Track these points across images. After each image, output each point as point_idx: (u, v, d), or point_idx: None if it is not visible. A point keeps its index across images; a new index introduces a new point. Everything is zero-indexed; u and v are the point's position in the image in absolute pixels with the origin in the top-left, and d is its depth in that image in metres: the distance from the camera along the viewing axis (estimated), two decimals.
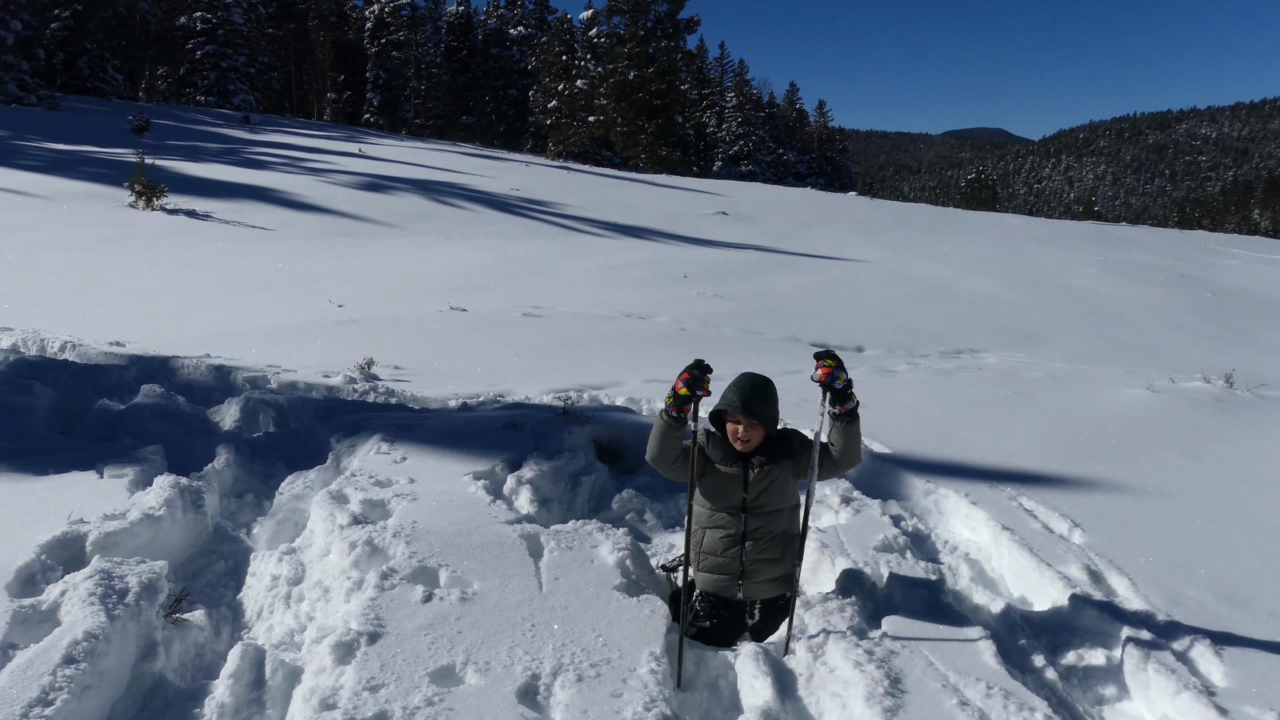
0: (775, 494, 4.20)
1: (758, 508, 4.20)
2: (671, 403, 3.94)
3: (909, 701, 3.40)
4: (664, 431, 4.04)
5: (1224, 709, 3.50)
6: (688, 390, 3.88)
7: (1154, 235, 40.70)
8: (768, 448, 4.20)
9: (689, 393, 3.88)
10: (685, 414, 3.97)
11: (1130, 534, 5.18)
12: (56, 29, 48.78)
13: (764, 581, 4.26)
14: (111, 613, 3.57)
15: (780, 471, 4.19)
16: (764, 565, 4.23)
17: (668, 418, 3.99)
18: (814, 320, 13.80)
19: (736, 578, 4.25)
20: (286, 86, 74.09)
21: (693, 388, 3.88)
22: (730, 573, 4.25)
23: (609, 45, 63.43)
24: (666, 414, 3.99)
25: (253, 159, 29.96)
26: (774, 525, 4.22)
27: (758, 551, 4.22)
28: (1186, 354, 14.47)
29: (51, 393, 6.93)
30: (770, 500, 4.20)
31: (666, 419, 4.00)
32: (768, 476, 4.17)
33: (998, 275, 21.58)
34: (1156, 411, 7.82)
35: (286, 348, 9.41)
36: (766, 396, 4.15)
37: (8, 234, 16.17)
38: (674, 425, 4.01)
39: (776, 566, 4.25)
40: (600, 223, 25.67)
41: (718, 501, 4.24)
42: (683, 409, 3.95)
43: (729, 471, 4.20)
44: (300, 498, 5.46)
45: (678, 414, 3.96)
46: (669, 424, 4.01)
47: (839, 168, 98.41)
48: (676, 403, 3.93)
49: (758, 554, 4.22)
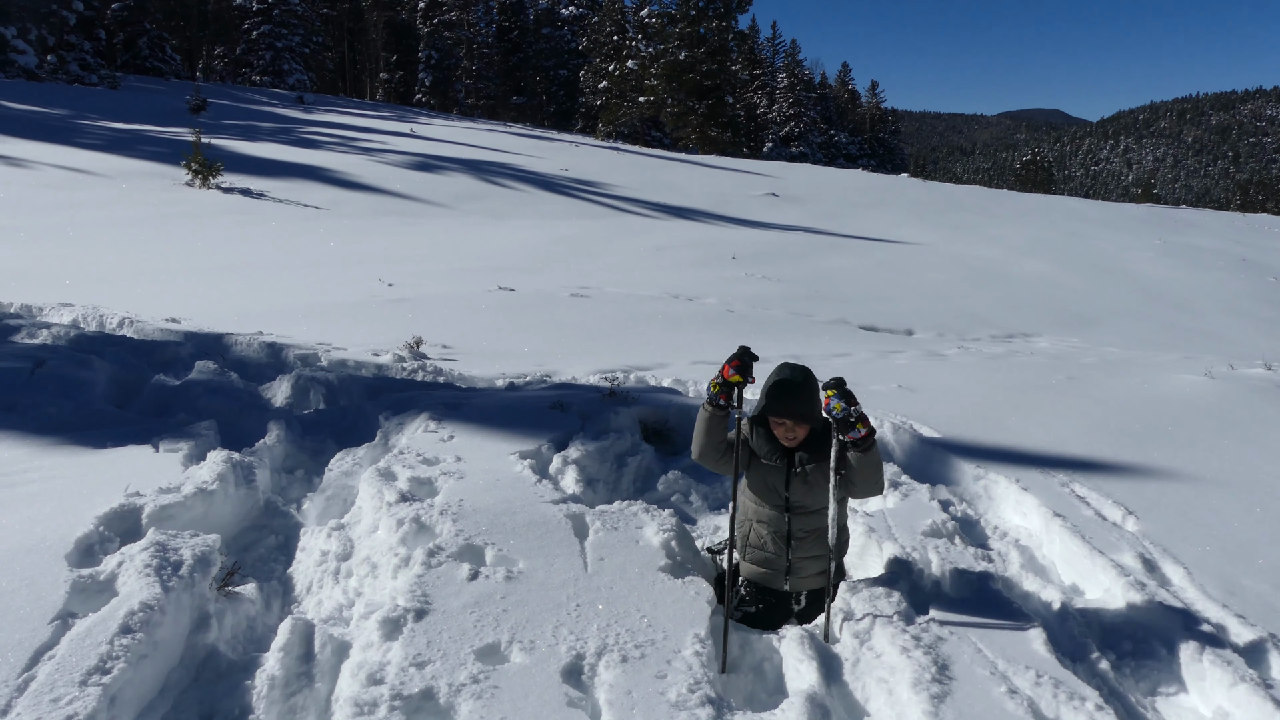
0: (818, 494, 4.12)
1: (801, 507, 4.15)
2: (718, 390, 3.91)
3: (956, 688, 3.36)
4: (709, 423, 4.02)
5: None
6: (739, 376, 3.85)
7: (1215, 218, 39.76)
8: (813, 442, 4.12)
9: (740, 379, 3.85)
10: (730, 402, 3.93)
11: (1186, 522, 5.08)
12: (117, 9, 49.50)
13: (811, 575, 4.24)
14: (166, 584, 3.64)
15: (823, 470, 4.09)
16: (810, 562, 4.20)
17: (713, 407, 3.97)
18: (863, 303, 13.68)
19: (783, 573, 4.23)
20: (340, 66, 74.61)
21: (744, 374, 3.85)
22: (777, 568, 4.23)
23: (660, 25, 63.00)
24: (712, 403, 3.97)
25: (306, 138, 30.23)
26: (819, 522, 4.15)
27: (804, 549, 4.18)
28: (1247, 340, 14.15)
29: (110, 367, 7.07)
30: (814, 499, 4.13)
31: (711, 409, 3.98)
32: (809, 477, 4.10)
33: (1052, 258, 21.23)
34: (1214, 398, 7.64)
35: (337, 326, 9.51)
36: (808, 393, 4.03)
37: (69, 211, 16.49)
38: (719, 415, 3.98)
39: (824, 561, 4.20)
40: (649, 203, 25.61)
41: (763, 497, 4.20)
42: (729, 397, 3.91)
43: (773, 466, 4.15)
44: (349, 474, 5.52)
45: (725, 402, 3.93)
46: (714, 414, 3.99)
47: (891, 149, 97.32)
48: (724, 389, 3.89)
49: (804, 551, 4.19)
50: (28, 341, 7.87)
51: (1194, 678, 3.70)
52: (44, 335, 8.08)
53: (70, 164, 20.81)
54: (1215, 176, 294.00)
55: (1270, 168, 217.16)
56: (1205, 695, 3.63)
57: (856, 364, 9.41)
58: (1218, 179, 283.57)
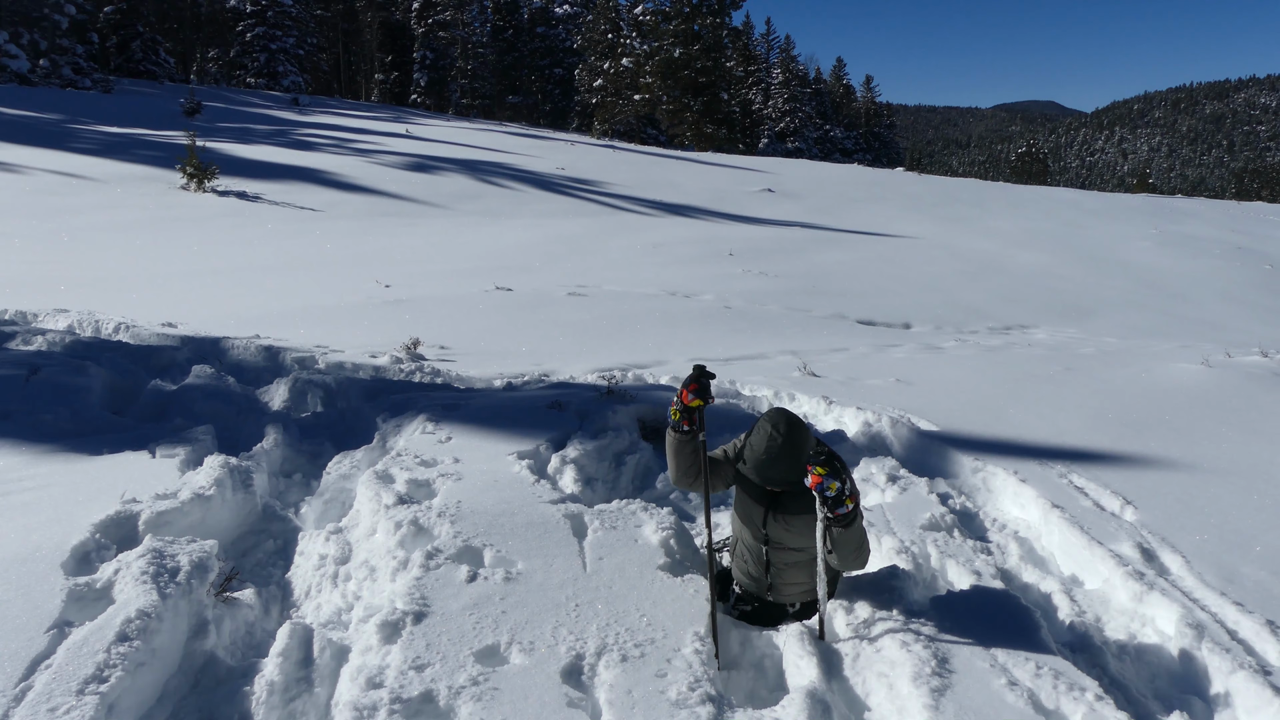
0: (796, 537, 3.90)
1: (779, 543, 3.95)
2: (680, 417, 3.86)
3: (957, 681, 3.36)
4: (677, 448, 3.96)
5: None
6: (699, 400, 3.80)
7: (1210, 207, 39.75)
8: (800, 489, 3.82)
9: (701, 402, 3.80)
10: (694, 425, 3.87)
11: (1184, 511, 5.08)
12: (110, 12, 49.41)
13: (796, 592, 4.08)
14: (163, 591, 3.63)
15: (803, 519, 3.84)
16: (792, 586, 4.05)
17: (678, 433, 3.91)
18: (861, 297, 13.67)
19: (767, 588, 4.09)
20: (335, 68, 74.52)
21: (703, 396, 3.79)
22: (760, 584, 4.10)
23: (654, 23, 62.98)
24: (676, 429, 3.91)
25: (301, 140, 30.19)
26: (800, 557, 3.95)
27: (785, 576, 4.02)
28: (1244, 328, 14.16)
29: (106, 373, 7.05)
30: (791, 539, 3.92)
31: (677, 435, 3.92)
32: (790, 523, 3.89)
33: (1049, 249, 21.22)
34: (1212, 386, 7.64)
35: (334, 328, 9.50)
36: (791, 457, 3.72)
37: (63, 216, 16.47)
38: (685, 439, 3.93)
39: (809, 581, 4.01)
40: (645, 201, 25.58)
41: (745, 523, 4.07)
42: (691, 420, 3.86)
43: (753, 497, 3.99)
44: (347, 477, 5.51)
45: (689, 426, 3.88)
46: (680, 439, 3.93)
47: (886, 143, 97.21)
48: (685, 414, 3.84)
49: (786, 578, 4.03)
50: (22, 348, 7.85)
51: (1193, 666, 3.71)
52: (39, 342, 8.06)
53: (64, 169, 20.78)
54: (1210, 165, 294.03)
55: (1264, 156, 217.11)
56: (1205, 683, 3.63)
57: (854, 358, 9.40)
58: (1213, 168, 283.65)
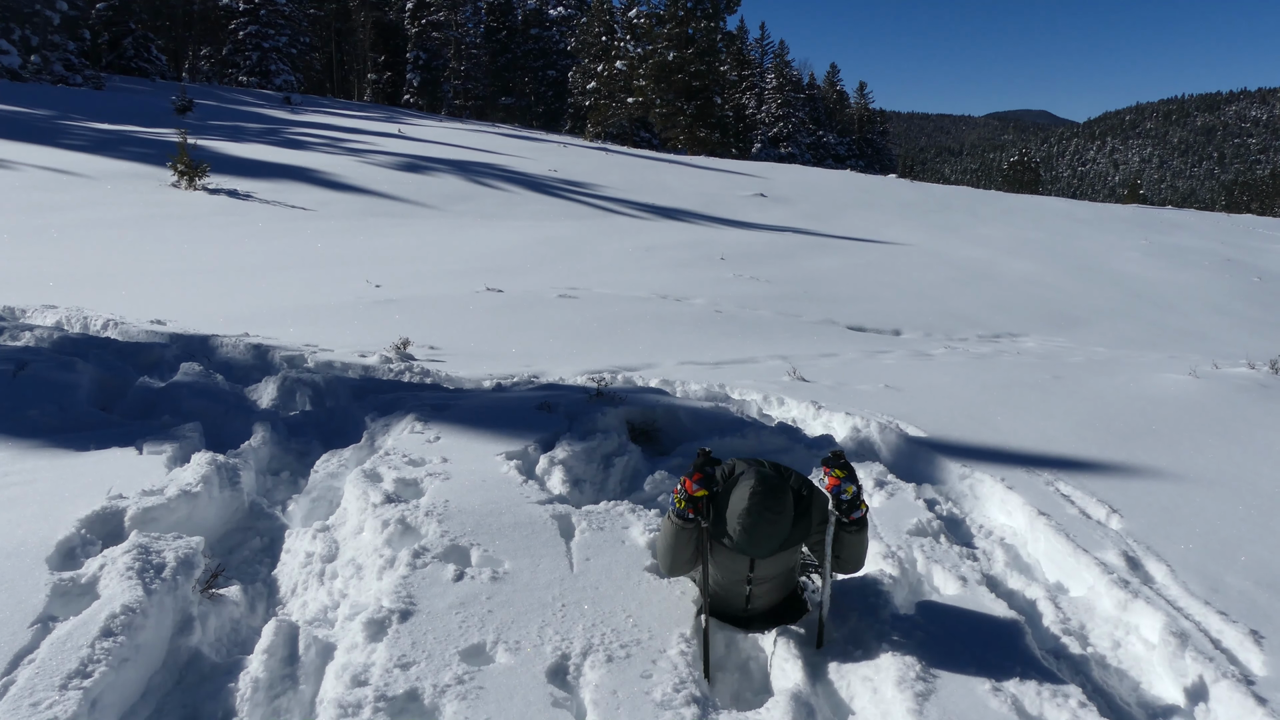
0: (777, 564, 3.81)
1: (761, 579, 3.83)
2: (684, 506, 3.66)
3: (941, 686, 3.37)
4: (678, 539, 3.73)
5: (1263, 698, 3.44)
6: (705, 490, 3.63)
7: (1200, 219, 39.95)
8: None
9: (706, 492, 3.63)
10: (699, 514, 3.68)
11: (1170, 520, 5.10)
12: (101, 9, 49.23)
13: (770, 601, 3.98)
14: (149, 587, 3.62)
15: (787, 551, 3.78)
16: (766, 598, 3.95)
17: (681, 521, 3.69)
18: (851, 303, 13.70)
19: (743, 608, 3.95)
20: (327, 67, 74.46)
21: (708, 486, 3.64)
22: (737, 604, 3.94)
23: (648, 26, 63.02)
24: (680, 517, 3.68)
25: (293, 139, 30.14)
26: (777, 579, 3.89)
27: (761, 599, 3.92)
28: (1231, 339, 14.23)
29: (94, 370, 7.03)
30: (774, 568, 3.82)
31: (680, 524, 3.69)
32: (772, 562, 3.77)
33: (1039, 258, 21.31)
34: (1199, 397, 7.68)
35: (324, 327, 9.48)
36: (774, 528, 3.58)
37: (52, 213, 16.40)
38: (689, 529, 3.70)
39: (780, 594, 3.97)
40: (637, 204, 25.60)
41: (724, 574, 3.82)
42: (696, 510, 3.66)
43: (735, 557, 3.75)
44: (335, 476, 5.50)
45: (694, 515, 3.67)
46: (682, 529, 3.70)
47: (879, 150, 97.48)
48: (690, 503, 3.65)
49: (762, 601, 3.94)
50: (10, 344, 7.82)
51: (1176, 674, 3.72)
52: (27, 337, 8.03)
53: (55, 165, 20.69)
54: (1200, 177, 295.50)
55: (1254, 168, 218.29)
56: (1188, 691, 3.64)
57: (844, 364, 9.42)
58: (1203, 179, 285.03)
